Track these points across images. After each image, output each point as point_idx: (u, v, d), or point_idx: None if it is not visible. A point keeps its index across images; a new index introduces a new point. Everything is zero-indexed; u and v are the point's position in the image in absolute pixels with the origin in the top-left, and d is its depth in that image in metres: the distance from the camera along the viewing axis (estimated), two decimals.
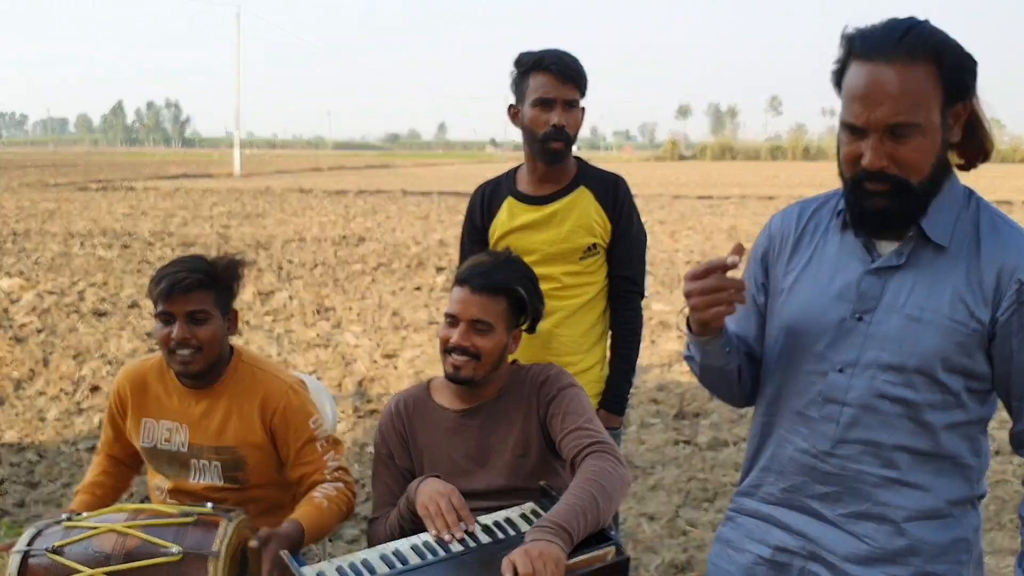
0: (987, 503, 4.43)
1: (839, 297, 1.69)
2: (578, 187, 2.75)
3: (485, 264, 2.25)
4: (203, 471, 2.43)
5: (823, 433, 1.71)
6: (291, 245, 14.43)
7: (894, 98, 1.52)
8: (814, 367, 1.72)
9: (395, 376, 6.80)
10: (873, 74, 1.53)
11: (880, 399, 1.65)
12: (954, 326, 1.60)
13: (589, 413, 2.21)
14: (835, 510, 1.72)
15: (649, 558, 3.88)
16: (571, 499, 1.93)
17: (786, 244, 1.81)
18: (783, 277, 1.80)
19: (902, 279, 1.64)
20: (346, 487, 2.40)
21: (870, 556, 1.69)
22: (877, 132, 1.54)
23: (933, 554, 1.69)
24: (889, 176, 1.56)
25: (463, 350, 2.19)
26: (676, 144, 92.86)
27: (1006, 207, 22.48)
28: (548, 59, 2.64)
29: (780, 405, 1.80)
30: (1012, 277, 1.58)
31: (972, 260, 1.61)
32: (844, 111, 1.59)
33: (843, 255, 1.72)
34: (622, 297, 2.82)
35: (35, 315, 8.72)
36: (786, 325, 1.78)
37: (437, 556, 1.92)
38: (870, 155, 1.55)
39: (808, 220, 1.80)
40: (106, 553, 1.96)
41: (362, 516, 4.36)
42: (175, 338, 2.30)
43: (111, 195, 25.78)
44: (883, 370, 1.64)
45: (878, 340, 1.64)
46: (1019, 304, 1.58)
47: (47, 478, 4.80)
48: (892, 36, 1.54)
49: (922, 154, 1.56)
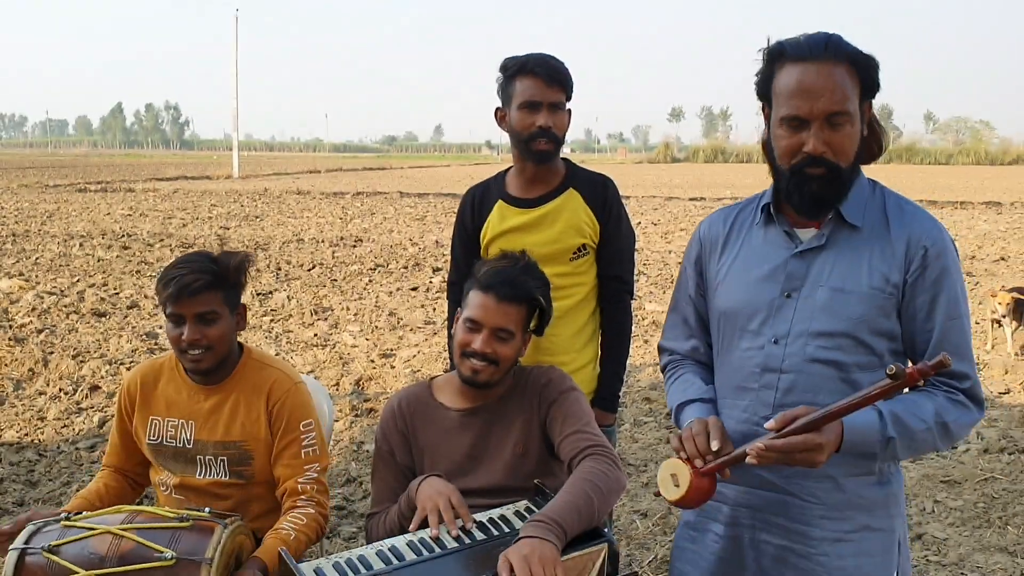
0: (975, 501, 4.48)
1: (768, 279, 1.90)
2: (567, 189, 2.79)
3: (509, 272, 2.26)
4: (209, 466, 2.45)
5: (763, 401, 1.89)
6: (289, 246, 14.46)
7: (831, 90, 1.74)
8: (751, 343, 1.92)
9: (392, 375, 6.84)
10: (810, 71, 1.76)
11: (813, 363, 1.84)
12: (873, 293, 1.81)
13: (588, 417, 2.25)
14: (779, 472, 1.89)
15: (642, 554, 3.93)
16: (566, 496, 1.96)
17: (716, 245, 2.03)
18: (716, 273, 2.01)
19: (824, 258, 1.86)
20: (317, 511, 2.39)
21: (814, 513, 1.89)
22: (818, 121, 1.75)
23: (869, 508, 1.89)
24: (826, 161, 1.77)
25: (483, 356, 2.21)
26: (669, 146, 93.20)
27: (995, 208, 22.54)
28: (533, 63, 2.68)
29: (721, 383, 2.00)
30: (918, 244, 1.81)
31: (884, 235, 1.84)
32: (784, 108, 1.79)
33: (768, 245, 1.94)
34: (612, 297, 2.86)
35: (35, 315, 8.75)
36: (722, 311, 1.99)
37: (433, 552, 1.94)
38: (813, 141, 1.76)
39: (733, 221, 2.03)
40: (100, 555, 1.96)
41: (360, 513, 4.41)
42: (186, 340, 2.34)
43: (110, 196, 25.78)
44: (814, 336, 1.84)
45: (807, 312, 1.85)
46: (923, 267, 1.81)
47: (47, 477, 4.85)
48: (819, 42, 1.77)
49: (851, 141, 1.79)
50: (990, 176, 45.58)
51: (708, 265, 2.04)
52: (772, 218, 1.93)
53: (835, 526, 1.88)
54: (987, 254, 13.87)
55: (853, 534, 1.88)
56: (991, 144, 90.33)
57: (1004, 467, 4.97)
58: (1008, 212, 21.76)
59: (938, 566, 3.82)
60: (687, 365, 2.12)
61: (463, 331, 2.24)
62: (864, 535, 1.89)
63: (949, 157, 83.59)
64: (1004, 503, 4.47)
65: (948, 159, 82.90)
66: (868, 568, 1.89)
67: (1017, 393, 6.54)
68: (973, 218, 20.18)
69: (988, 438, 5.45)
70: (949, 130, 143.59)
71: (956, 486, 4.70)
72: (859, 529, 1.89)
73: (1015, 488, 4.63)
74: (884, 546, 1.91)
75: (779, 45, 1.81)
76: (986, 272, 12.10)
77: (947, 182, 39.36)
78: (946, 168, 69.22)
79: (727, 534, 1.99)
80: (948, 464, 5.03)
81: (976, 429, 5.61)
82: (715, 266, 2.01)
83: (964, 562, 3.86)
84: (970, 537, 4.11)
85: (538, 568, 1.76)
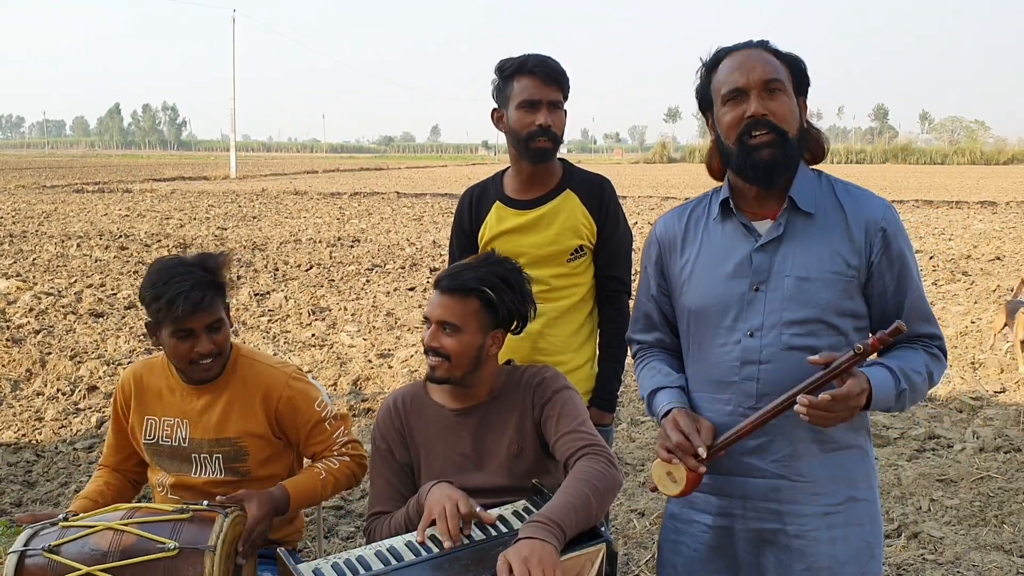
0: (971, 500, 4.50)
1: (735, 275, 1.97)
2: (564, 190, 2.79)
3: (458, 266, 2.30)
4: (204, 464, 2.47)
5: (746, 392, 1.97)
6: (287, 246, 14.46)
7: (763, 63, 1.91)
8: (726, 339, 1.99)
9: (389, 375, 6.85)
10: (744, 54, 1.93)
11: (789, 351, 1.93)
12: (835, 277, 1.91)
13: (583, 416, 2.25)
14: (767, 458, 1.99)
15: (640, 554, 3.94)
16: (565, 496, 1.96)
17: (675, 243, 2.10)
18: (679, 272, 2.08)
19: (785, 249, 1.94)
20: (352, 459, 2.52)
21: (804, 491, 1.97)
22: (756, 88, 1.89)
23: (853, 481, 2.00)
24: (770, 123, 1.88)
25: (434, 351, 2.23)
26: (666, 146, 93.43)
27: (990, 208, 22.59)
28: (531, 62, 2.69)
29: (700, 380, 2.06)
30: (876, 226, 1.92)
31: (839, 220, 1.93)
32: (724, 87, 1.93)
33: (728, 240, 2.01)
34: (610, 296, 2.86)
35: (32, 316, 8.75)
36: (692, 310, 2.05)
37: (431, 552, 1.94)
38: (755, 104, 1.88)
39: (688, 219, 2.10)
40: (103, 550, 1.96)
41: (358, 513, 4.42)
42: (200, 352, 2.35)
43: (108, 197, 25.77)
44: (787, 326, 1.93)
45: (778, 302, 1.93)
46: (885, 247, 1.92)
47: (44, 478, 4.85)
48: (749, 40, 1.97)
49: (790, 111, 1.91)
50: (985, 176, 45.67)
51: (669, 264, 2.11)
52: (729, 213, 2.01)
53: (824, 500, 1.98)
54: (982, 253, 13.90)
55: (840, 506, 1.98)
56: (986, 144, 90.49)
57: (1000, 466, 4.98)
58: (1003, 212, 21.80)
59: (934, 564, 3.83)
60: (655, 352, 2.21)
61: (424, 330, 2.29)
62: (850, 506, 1.99)
63: (944, 157, 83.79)
64: (1000, 501, 4.48)
65: (944, 159, 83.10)
66: (857, 537, 1.99)
67: (1012, 392, 6.56)
68: (968, 218, 20.22)
69: (984, 437, 5.46)
70: (944, 130, 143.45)
71: (952, 485, 4.71)
72: (845, 501, 1.99)
73: (1011, 487, 4.65)
74: (869, 514, 2.02)
75: (715, 52, 1.98)
76: (981, 272, 12.12)
77: (942, 182, 39.43)
78: (941, 168, 69.33)
79: (716, 524, 2.07)
80: (944, 463, 5.04)
81: (972, 428, 5.63)
82: (677, 265, 2.09)
83: (960, 560, 3.87)
84: (966, 536, 4.12)
85: (537, 570, 1.76)
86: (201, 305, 2.31)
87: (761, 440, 1.97)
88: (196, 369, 2.39)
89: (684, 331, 2.11)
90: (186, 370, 2.42)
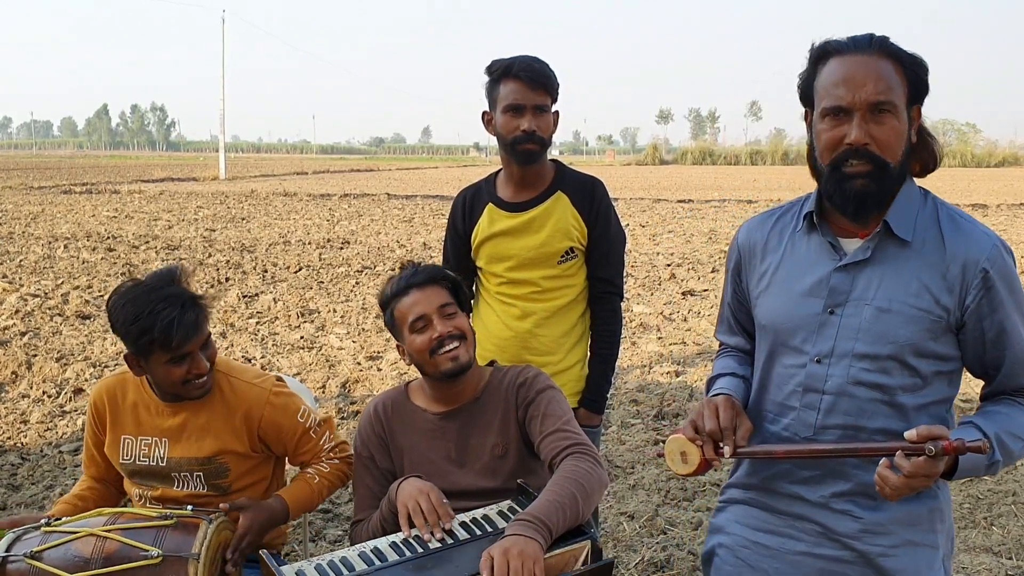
0: (961, 502, 4.49)
1: (811, 294, 1.83)
2: (555, 192, 2.79)
3: (409, 269, 2.33)
4: (185, 481, 2.41)
5: (804, 421, 1.84)
6: (276, 248, 14.41)
7: (875, 79, 1.69)
8: (793, 360, 1.86)
9: (379, 378, 6.82)
10: (855, 61, 1.71)
11: (857, 386, 1.77)
12: (920, 314, 1.73)
13: (567, 416, 2.24)
14: (818, 492, 1.85)
15: (629, 556, 3.92)
16: (551, 495, 1.96)
17: (755, 253, 1.96)
18: (756, 283, 1.95)
19: (870, 274, 1.77)
20: (342, 461, 2.52)
21: (856, 530, 1.83)
22: (861, 110, 1.69)
23: (913, 523, 1.83)
24: (870, 154, 1.70)
25: (450, 336, 2.22)
26: (657, 148, 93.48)
27: (981, 210, 22.67)
28: (517, 66, 2.67)
29: (762, 398, 1.94)
30: (977, 267, 1.71)
31: (936, 252, 1.74)
32: (826, 99, 1.73)
33: (811, 255, 1.85)
34: (601, 298, 2.86)
35: (18, 318, 8.69)
36: (763, 325, 1.93)
37: (415, 552, 1.94)
38: (856, 132, 1.69)
39: (772, 228, 1.96)
40: (85, 557, 1.94)
41: (345, 516, 4.39)
42: (197, 371, 2.28)
43: (95, 198, 25.64)
44: (858, 359, 1.77)
45: (851, 331, 1.77)
46: (985, 290, 1.72)
47: (29, 481, 4.80)
48: (864, 38, 1.74)
49: (896, 136, 1.71)
50: (976, 178, 45.85)
51: (748, 273, 1.99)
52: (815, 226, 1.85)
53: (879, 540, 1.83)
54: None
55: (896, 549, 1.83)
56: (977, 146, 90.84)
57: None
58: (994, 214, 21.88)
59: None
60: (732, 352, 2.13)
61: (418, 337, 2.24)
62: (906, 550, 1.84)
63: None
64: (989, 503, 4.48)
65: None
66: None
67: None
68: None
69: None
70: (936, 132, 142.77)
71: None
72: (902, 544, 1.83)
73: (1000, 489, 4.65)
74: (927, 562, 1.85)
75: (823, 44, 1.77)
76: None
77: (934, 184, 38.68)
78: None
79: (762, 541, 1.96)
80: None
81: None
82: (755, 275, 1.96)
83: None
84: (956, 538, 4.11)
85: (516, 562, 1.77)
86: (196, 326, 2.25)
87: (812, 473, 1.86)
88: (191, 388, 2.31)
89: (757, 344, 2.00)
90: (180, 391, 2.33)
